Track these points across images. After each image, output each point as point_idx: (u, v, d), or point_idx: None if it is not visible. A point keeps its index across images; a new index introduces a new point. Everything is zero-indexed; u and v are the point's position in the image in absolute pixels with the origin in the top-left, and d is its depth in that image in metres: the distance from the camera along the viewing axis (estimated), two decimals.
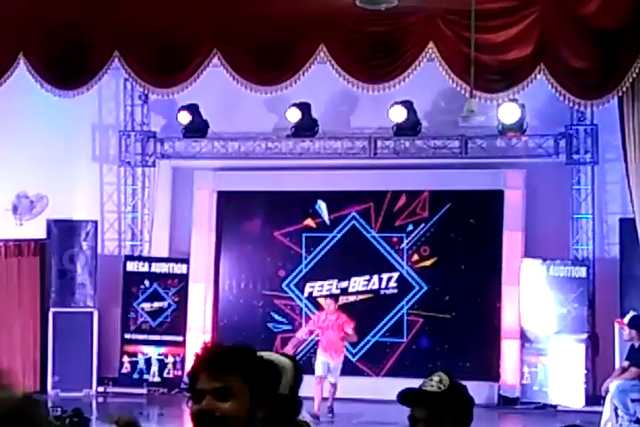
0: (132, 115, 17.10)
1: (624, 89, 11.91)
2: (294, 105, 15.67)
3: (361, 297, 16.26)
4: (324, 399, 14.13)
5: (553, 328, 15.14)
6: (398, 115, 15.50)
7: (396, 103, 15.28)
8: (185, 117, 16.27)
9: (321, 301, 15.84)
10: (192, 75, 13.46)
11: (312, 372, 13.95)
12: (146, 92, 15.39)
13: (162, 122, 17.17)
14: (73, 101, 14.48)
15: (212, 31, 13.13)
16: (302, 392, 4.11)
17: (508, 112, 14.99)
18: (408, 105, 15.42)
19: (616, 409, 11.92)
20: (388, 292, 16.21)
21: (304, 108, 15.78)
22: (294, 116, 15.84)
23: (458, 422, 3.52)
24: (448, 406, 3.47)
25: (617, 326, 13.89)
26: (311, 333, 15.05)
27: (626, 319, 13.07)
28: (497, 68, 12.22)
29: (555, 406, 14.89)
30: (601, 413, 12.36)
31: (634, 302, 14.08)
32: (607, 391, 12.09)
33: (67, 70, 13.56)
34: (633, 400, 11.92)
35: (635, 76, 11.74)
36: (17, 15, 12.95)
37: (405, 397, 3.56)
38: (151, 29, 13.02)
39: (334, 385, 14.35)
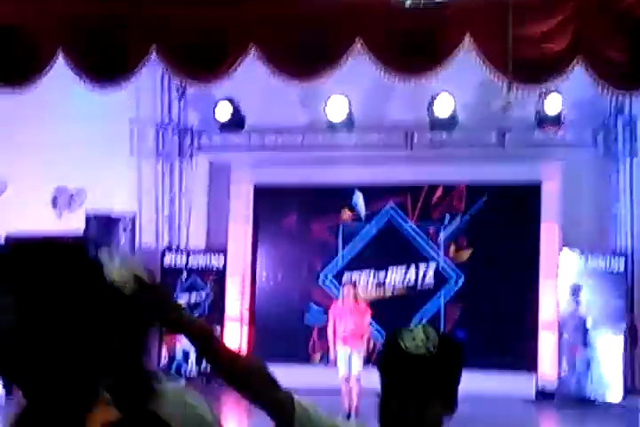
0: (169, 109, 17.18)
1: None
2: (334, 96, 15.67)
3: (398, 289, 16.28)
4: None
5: (591, 320, 15.10)
6: (440, 108, 15.46)
7: (433, 96, 15.27)
8: (223, 111, 16.33)
9: (344, 290, 15.47)
10: (229, 69, 13.49)
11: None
12: (183, 85, 15.46)
13: (199, 116, 17.23)
14: (110, 96, 14.56)
15: (248, 25, 13.15)
16: (326, 384, 3.84)
17: (549, 103, 14.97)
18: (445, 97, 15.39)
19: None
20: (425, 283, 16.22)
21: (343, 100, 15.79)
22: (334, 108, 15.86)
23: (446, 400, 2.68)
24: (438, 377, 2.65)
25: None
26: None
27: None
28: (535, 59, 12.17)
29: (593, 401, 14.84)
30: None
31: None
32: None
33: (105, 66, 13.62)
34: None
35: None
36: (56, 11, 13.04)
37: (386, 363, 2.71)
38: (188, 24, 13.06)
39: (358, 380, 13.07)
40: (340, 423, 2.63)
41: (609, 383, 14.78)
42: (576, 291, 15.25)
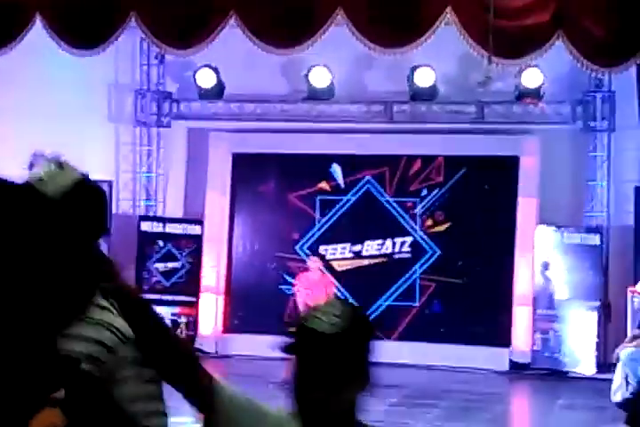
0: (147, 75, 17.06)
1: None
2: (316, 66, 15.62)
3: (374, 261, 16.29)
4: None
5: (565, 295, 15.17)
6: (420, 79, 15.44)
7: (414, 68, 15.23)
8: (203, 78, 16.24)
9: (309, 263, 15.48)
10: (209, 36, 13.40)
11: None
12: (162, 52, 15.35)
13: (178, 83, 17.13)
14: (89, 60, 14.44)
15: None
16: None
17: (528, 77, 14.96)
18: (425, 69, 15.36)
19: (627, 377, 11.92)
20: (401, 256, 16.24)
21: (325, 71, 15.74)
22: (316, 78, 15.81)
23: (359, 378, 2.54)
24: (349, 355, 2.49)
25: (630, 294, 13.91)
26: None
27: (638, 287, 13.07)
28: (515, 33, 12.14)
29: (566, 373, 14.95)
30: (611, 380, 12.37)
31: None
32: (618, 359, 12.10)
33: (83, 30, 13.52)
34: None
35: None
36: None
37: (296, 343, 2.52)
38: None
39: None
40: (269, 411, 2.59)
41: (582, 357, 14.87)
42: (550, 266, 15.30)
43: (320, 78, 15.87)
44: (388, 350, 15.69)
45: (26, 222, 1.83)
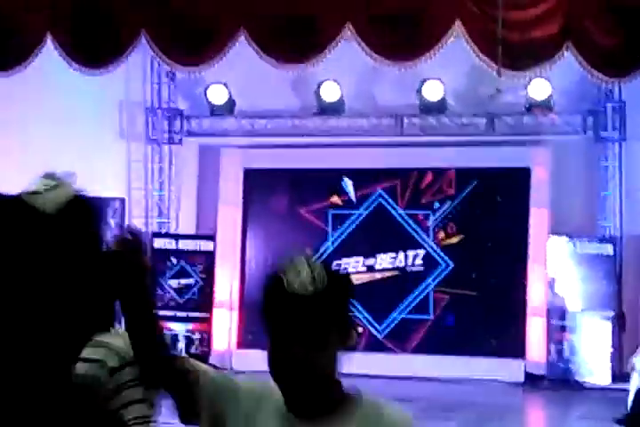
0: (158, 92, 17.13)
1: None
2: (326, 81, 15.67)
3: (387, 274, 16.29)
4: None
5: (579, 305, 15.14)
6: (429, 92, 15.48)
7: (424, 81, 15.27)
8: (214, 94, 16.31)
9: None
10: (218, 53, 13.47)
11: None
12: (172, 70, 15.42)
13: (189, 100, 17.20)
14: (100, 78, 14.52)
15: (238, 9, 13.11)
16: None
17: (537, 89, 14.98)
18: (435, 82, 15.39)
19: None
20: (414, 269, 16.24)
21: (335, 85, 15.79)
22: (327, 93, 15.86)
23: (339, 336, 2.42)
24: (328, 315, 2.39)
25: None
26: None
27: None
28: (524, 45, 12.16)
29: (581, 383, 14.91)
30: (627, 390, 12.36)
31: None
32: (633, 368, 12.09)
33: (94, 49, 13.59)
34: None
35: None
36: None
37: (270, 304, 2.44)
38: (177, 7, 13.03)
39: None
40: (244, 381, 2.57)
41: (597, 367, 14.84)
42: (563, 276, 15.28)
43: (330, 93, 15.92)
44: (402, 364, 15.74)
45: (16, 235, 1.82)
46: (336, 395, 2.46)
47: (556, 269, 15.32)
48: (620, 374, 14.08)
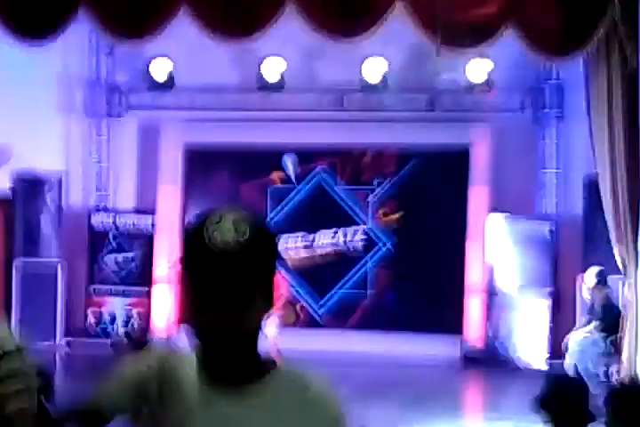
0: (97, 66, 16.94)
1: (590, 48, 11.90)
2: (269, 56, 15.61)
3: (327, 251, 16.31)
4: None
5: (517, 283, 15.27)
6: (370, 70, 15.49)
7: (366, 57, 15.25)
8: (155, 69, 16.18)
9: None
10: (159, 27, 13.29)
11: None
12: (112, 43, 15.23)
13: (129, 74, 17.02)
14: (37, 51, 14.29)
15: None
16: None
17: (476, 68, 15.03)
18: (377, 59, 15.39)
19: (576, 368, 12.06)
20: (354, 246, 16.28)
21: (274, 61, 15.72)
22: (269, 69, 15.79)
23: (263, 298, 2.31)
24: (252, 273, 2.25)
25: (579, 282, 14.02)
26: None
27: (587, 275, 13.17)
28: (464, 24, 12.13)
29: (518, 361, 15.05)
30: (562, 366, 12.51)
31: (597, 258, 14.18)
32: (567, 348, 12.23)
33: (31, 21, 13.36)
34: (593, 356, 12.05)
35: (600, 35, 11.74)
36: None
37: (191, 260, 2.27)
38: None
39: (275, 345, 12.93)
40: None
41: (534, 348, 14.99)
42: (502, 254, 15.40)
43: (272, 68, 15.85)
44: (342, 340, 15.80)
45: None
46: (257, 363, 2.34)
47: (495, 247, 15.43)
48: (557, 354, 14.24)
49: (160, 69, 16.19)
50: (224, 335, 2.25)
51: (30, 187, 16.24)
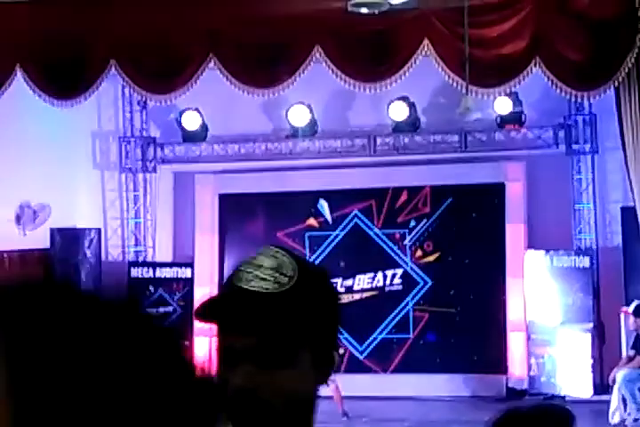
0: (131, 121, 17.12)
1: (620, 79, 11.94)
2: (295, 104, 15.73)
3: (366, 295, 16.30)
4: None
5: (559, 319, 15.18)
6: (397, 111, 15.57)
7: (394, 100, 15.33)
8: (186, 121, 16.34)
9: None
10: (189, 80, 13.48)
11: None
12: (144, 99, 15.42)
13: (161, 127, 17.20)
14: (72, 109, 14.49)
15: (206, 35, 13.15)
16: None
17: (505, 105, 15.11)
18: (406, 101, 15.47)
19: (624, 399, 11.97)
20: (392, 288, 16.25)
21: (305, 107, 15.85)
22: (296, 116, 15.90)
23: (320, 347, 1.76)
24: (301, 318, 1.74)
25: (622, 316, 13.94)
26: None
27: (630, 308, 13.11)
28: (492, 62, 12.23)
29: (563, 397, 14.93)
30: (609, 402, 12.41)
31: (638, 290, 14.12)
32: (614, 381, 12.14)
33: (64, 81, 13.57)
34: None
35: (630, 65, 11.77)
36: (14, 27, 12.99)
37: (213, 307, 1.80)
38: (146, 36, 13.05)
39: (334, 383, 13.06)
40: None
41: (578, 380, 14.86)
42: (543, 290, 15.33)
43: (299, 116, 15.96)
44: (384, 384, 15.71)
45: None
46: None
47: (534, 284, 15.37)
48: (602, 387, 14.13)
49: (192, 121, 16.34)
50: (251, 404, 1.68)
51: (70, 242, 16.35)
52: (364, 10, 11.41)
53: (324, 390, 1.84)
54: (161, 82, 13.63)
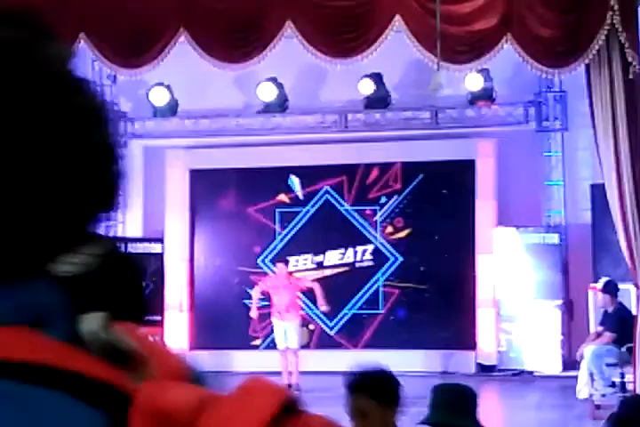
0: (101, 95, 16.96)
1: (590, 56, 11.94)
2: (264, 81, 15.68)
3: (336, 271, 16.33)
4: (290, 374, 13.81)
5: (528, 295, 15.27)
6: (368, 87, 15.56)
7: (366, 76, 15.31)
8: (156, 96, 16.25)
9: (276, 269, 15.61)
10: (159, 54, 13.37)
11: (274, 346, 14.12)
12: (114, 73, 15.31)
13: (131, 102, 17.11)
14: None
15: (177, 9, 13.05)
16: (269, 367, 3.67)
17: (477, 82, 15.10)
18: (377, 77, 15.45)
19: (592, 374, 12.06)
20: (363, 264, 16.30)
21: (274, 83, 15.79)
22: (265, 92, 15.85)
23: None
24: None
25: (591, 292, 14.02)
26: (263, 293, 14.62)
27: (599, 285, 13.17)
28: (464, 39, 12.20)
29: (532, 373, 15.05)
30: (577, 378, 12.50)
31: (606, 267, 14.19)
32: (582, 357, 12.23)
33: None
34: (608, 365, 12.05)
35: (601, 42, 11.78)
36: None
37: None
38: (116, 9, 12.94)
39: (295, 353, 13.84)
40: None
41: (547, 356, 14.98)
42: (512, 267, 15.40)
43: (270, 91, 15.92)
44: (354, 359, 15.73)
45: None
46: None
47: (504, 260, 15.44)
48: (570, 362, 14.23)
49: (162, 97, 16.27)
50: None
51: None
52: None
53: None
54: (131, 56, 13.52)
